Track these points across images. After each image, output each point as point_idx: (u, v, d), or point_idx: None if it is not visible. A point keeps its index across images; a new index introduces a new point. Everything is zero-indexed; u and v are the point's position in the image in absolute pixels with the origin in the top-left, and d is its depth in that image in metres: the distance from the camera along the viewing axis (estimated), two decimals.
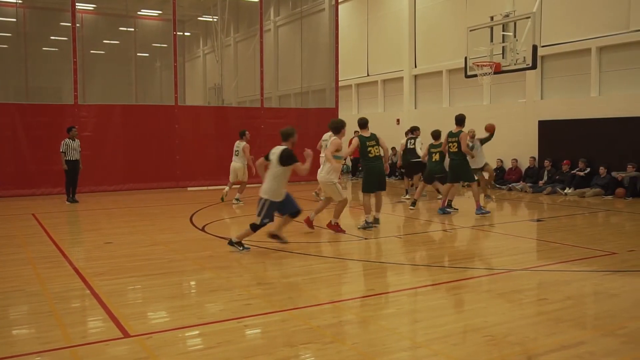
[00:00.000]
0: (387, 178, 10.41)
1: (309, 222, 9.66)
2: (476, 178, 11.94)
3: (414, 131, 14.26)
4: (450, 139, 11.54)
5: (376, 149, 9.90)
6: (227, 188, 13.84)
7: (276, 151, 7.98)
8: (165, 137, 17.25)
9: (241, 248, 7.86)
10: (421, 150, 13.82)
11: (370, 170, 9.97)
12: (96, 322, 5.03)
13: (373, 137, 9.97)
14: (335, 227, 9.41)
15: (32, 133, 15.50)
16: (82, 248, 8.76)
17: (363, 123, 10.28)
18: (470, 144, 13.04)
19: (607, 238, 8.95)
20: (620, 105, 14.74)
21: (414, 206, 12.41)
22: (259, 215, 7.80)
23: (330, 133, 10.56)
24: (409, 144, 14.11)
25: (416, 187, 14.39)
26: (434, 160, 12.33)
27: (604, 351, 4.19)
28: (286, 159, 7.85)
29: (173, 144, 17.37)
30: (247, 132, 13.86)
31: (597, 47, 15.39)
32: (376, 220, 10.13)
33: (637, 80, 14.65)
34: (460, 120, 11.55)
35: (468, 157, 11.67)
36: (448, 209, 11.63)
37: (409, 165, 14.28)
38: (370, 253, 8.05)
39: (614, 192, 14.15)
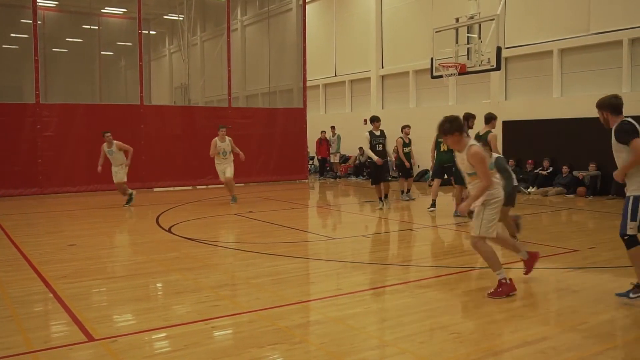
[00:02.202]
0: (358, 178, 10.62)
1: None
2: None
3: (372, 121, 12.75)
4: (439, 140, 11.57)
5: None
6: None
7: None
8: (131, 137, 16.92)
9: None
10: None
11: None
12: (59, 326, 4.92)
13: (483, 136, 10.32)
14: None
15: None
16: (44, 250, 8.55)
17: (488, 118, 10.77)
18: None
19: (569, 236, 9.15)
20: (581, 105, 15.08)
21: (434, 207, 11.83)
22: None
23: None
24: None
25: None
26: (442, 150, 11.83)
27: (567, 346, 4.29)
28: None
29: (139, 144, 17.07)
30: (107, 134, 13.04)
31: (559, 49, 15.75)
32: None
33: (596, 81, 15.04)
34: (463, 121, 11.29)
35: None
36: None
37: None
38: (337, 252, 8.07)
39: (575, 191, 14.50)
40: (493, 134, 10.27)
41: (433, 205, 11.86)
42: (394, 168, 15.91)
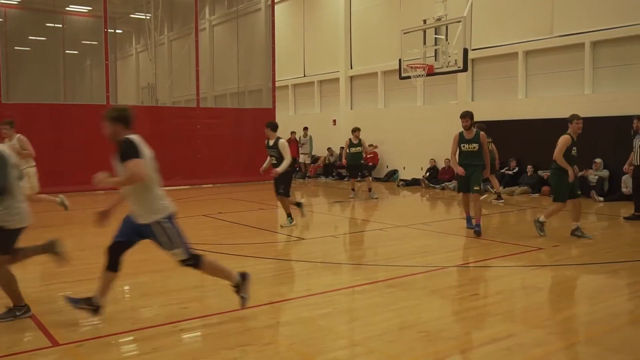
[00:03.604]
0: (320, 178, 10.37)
1: None
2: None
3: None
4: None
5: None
6: None
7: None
8: (96, 137, 16.55)
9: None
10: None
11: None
12: (23, 331, 4.81)
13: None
14: None
15: None
16: None
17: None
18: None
19: (534, 234, 9.31)
20: (545, 106, 15.42)
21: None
22: None
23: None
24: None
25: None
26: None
27: (533, 342, 4.37)
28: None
29: (104, 145, 16.80)
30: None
31: (524, 51, 16.05)
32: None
33: (560, 83, 15.38)
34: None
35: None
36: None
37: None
38: (307, 253, 8.08)
39: (540, 190, 14.80)
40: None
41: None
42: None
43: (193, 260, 4.83)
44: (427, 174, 17.66)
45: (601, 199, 13.38)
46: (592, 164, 14.04)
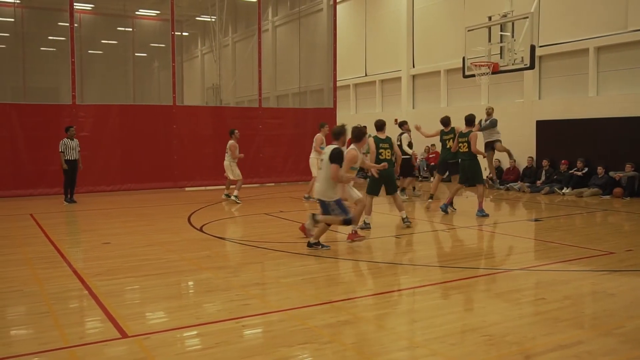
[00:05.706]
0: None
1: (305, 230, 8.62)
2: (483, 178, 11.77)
3: (401, 126, 14.17)
4: (460, 139, 11.47)
5: (388, 151, 9.86)
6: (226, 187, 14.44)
7: (327, 150, 7.76)
8: (163, 137, 17.22)
9: (320, 247, 7.92)
10: (408, 147, 13.90)
11: (379, 173, 9.72)
12: (94, 322, 5.02)
13: (387, 140, 9.98)
14: (353, 235, 8.52)
15: (30, 133, 15.46)
16: (80, 248, 8.74)
17: (380, 125, 10.21)
18: (489, 119, 13.41)
19: (605, 238, 8.95)
20: (618, 105, 14.76)
21: (431, 199, 12.47)
22: (339, 214, 7.72)
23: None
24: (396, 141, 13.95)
25: (405, 187, 14.21)
26: (448, 147, 12.21)
27: (602, 350, 4.19)
28: (335, 158, 7.59)
29: (171, 144, 17.35)
30: (235, 131, 14.16)
31: (595, 47, 15.40)
32: (405, 220, 9.94)
33: (634, 80, 14.67)
34: (470, 120, 11.45)
35: (484, 135, 12.30)
36: (450, 208, 11.67)
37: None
38: (368, 253, 8.05)
39: (611, 192, 14.17)
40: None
41: (431, 197, 12.52)
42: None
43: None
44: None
45: None
46: None
